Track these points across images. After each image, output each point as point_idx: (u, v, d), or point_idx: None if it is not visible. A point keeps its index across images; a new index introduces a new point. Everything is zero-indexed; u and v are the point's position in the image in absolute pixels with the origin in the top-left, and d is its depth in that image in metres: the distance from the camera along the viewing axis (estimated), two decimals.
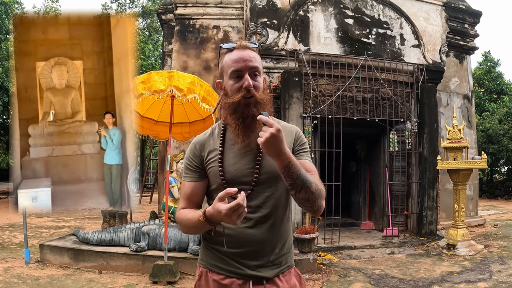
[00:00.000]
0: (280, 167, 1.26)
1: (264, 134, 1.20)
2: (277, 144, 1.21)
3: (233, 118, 1.38)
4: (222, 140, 1.44)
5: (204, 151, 1.46)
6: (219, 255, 1.42)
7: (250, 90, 1.35)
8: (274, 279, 1.41)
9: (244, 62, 1.37)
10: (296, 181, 1.27)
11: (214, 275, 1.42)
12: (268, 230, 1.40)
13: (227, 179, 1.39)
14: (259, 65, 1.41)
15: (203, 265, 1.47)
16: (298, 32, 6.57)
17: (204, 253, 1.49)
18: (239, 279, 1.38)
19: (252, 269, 1.39)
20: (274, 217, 1.41)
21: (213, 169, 1.42)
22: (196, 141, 1.51)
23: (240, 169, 1.39)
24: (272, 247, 1.42)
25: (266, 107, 1.37)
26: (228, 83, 1.40)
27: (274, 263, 1.42)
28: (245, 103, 1.35)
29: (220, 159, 1.41)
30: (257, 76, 1.40)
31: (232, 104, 1.37)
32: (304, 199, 1.31)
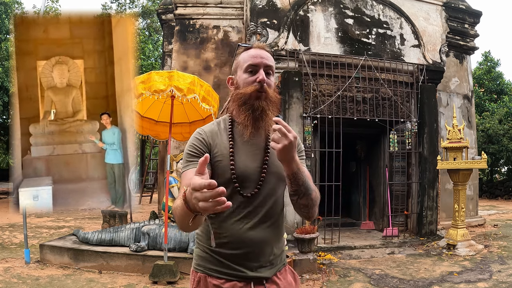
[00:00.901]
0: (289, 173, 1.27)
1: (282, 141, 1.19)
2: (291, 151, 1.22)
3: (242, 110, 1.38)
4: (231, 135, 1.42)
5: (213, 141, 1.41)
6: (218, 259, 1.38)
7: (263, 84, 1.37)
8: (272, 278, 1.42)
9: (261, 58, 1.40)
10: (300, 188, 1.29)
11: (214, 279, 1.38)
12: (267, 230, 1.40)
13: (237, 175, 1.36)
14: (273, 66, 1.45)
15: (201, 271, 1.42)
16: (298, 32, 6.57)
17: (201, 258, 1.44)
18: (240, 281, 1.37)
19: (253, 271, 1.38)
20: (273, 217, 1.42)
21: (221, 163, 1.38)
22: (203, 130, 1.46)
23: (248, 167, 1.38)
24: (271, 247, 1.42)
25: (275, 105, 1.39)
26: (242, 76, 1.41)
27: (272, 263, 1.43)
28: (256, 96, 1.37)
29: (231, 153, 1.38)
30: (270, 75, 1.42)
31: (243, 95, 1.38)
32: (304, 205, 1.34)
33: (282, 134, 1.19)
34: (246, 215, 1.37)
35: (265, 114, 1.36)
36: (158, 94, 4.21)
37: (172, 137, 5.18)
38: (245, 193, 1.36)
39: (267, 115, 1.37)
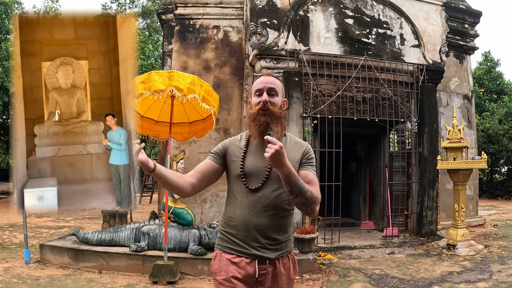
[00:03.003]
0: (282, 176, 1.57)
1: (270, 150, 1.50)
2: (280, 158, 1.51)
3: (252, 125, 1.76)
4: (247, 143, 1.82)
5: (230, 148, 1.84)
6: (231, 238, 1.76)
7: (266, 104, 1.73)
8: (274, 260, 1.75)
9: (265, 83, 1.78)
10: (293, 188, 1.58)
11: (227, 255, 1.75)
12: (269, 218, 1.72)
13: (245, 171, 1.75)
14: (277, 88, 1.80)
15: (219, 248, 1.81)
16: (298, 32, 6.57)
17: (219, 238, 1.83)
18: (246, 257, 1.72)
19: (256, 250, 1.71)
20: (275, 208, 1.72)
21: (236, 162, 1.79)
22: (227, 140, 1.90)
23: (256, 166, 1.75)
24: (274, 235, 1.74)
25: (279, 120, 1.76)
26: (253, 99, 1.81)
27: (275, 247, 1.75)
28: (261, 113, 1.74)
29: (243, 156, 1.78)
30: (274, 96, 1.78)
31: (252, 114, 1.77)
32: (300, 203, 1.63)
33: (269, 147, 1.51)
34: (251, 203, 1.72)
35: (268, 127, 1.71)
36: (158, 94, 4.21)
37: (172, 137, 5.18)
38: (250, 186, 1.73)
39: (271, 128, 1.71)
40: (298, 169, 1.74)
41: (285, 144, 1.78)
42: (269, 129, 1.71)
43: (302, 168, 1.77)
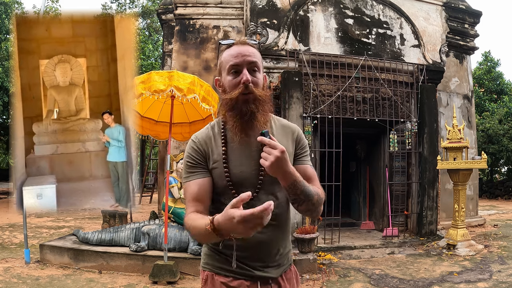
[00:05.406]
0: (285, 185, 1.25)
1: (269, 158, 1.17)
2: (282, 166, 1.18)
3: (231, 115, 1.33)
4: (224, 140, 1.37)
5: (207, 148, 1.38)
6: (227, 258, 1.37)
7: (249, 85, 1.29)
8: (277, 279, 1.42)
9: (243, 57, 1.31)
10: (299, 196, 1.27)
11: (221, 277, 1.39)
12: (273, 232, 1.38)
13: (233, 182, 1.33)
14: (259, 61, 1.36)
15: (209, 269, 1.43)
16: (298, 32, 6.57)
17: (208, 256, 1.44)
18: (247, 280, 1.37)
19: (260, 270, 1.38)
20: (278, 219, 1.39)
21: (217, 170, 1.35)
22: (197, 137, 1.41)
23: (245, 172, 1.34)
24: (277, 248, 1.42)
25: (265, 105, 1.33)
26: (226, 78, 1.34)
27: (278, 263, 1.43)
28: (244, 99, 1.29)
29: (224, 159, 1.34)
30: (256, 72, 1.34)
31: (230, 100, 1.31)
32: (304, 210, 1.33)
33: (267, 152, 1.17)
34: None
35: (254, 117, 1.30)
36: (158, 94, 4.21)
37: (172, 137, 5.18)
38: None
39: (257, 118, 1.31)
40: (293, 163, 1.38)
41: (272, 131, 1.40)
42: (256, 121, 1.30)
43: (299, 162, 1.42)
